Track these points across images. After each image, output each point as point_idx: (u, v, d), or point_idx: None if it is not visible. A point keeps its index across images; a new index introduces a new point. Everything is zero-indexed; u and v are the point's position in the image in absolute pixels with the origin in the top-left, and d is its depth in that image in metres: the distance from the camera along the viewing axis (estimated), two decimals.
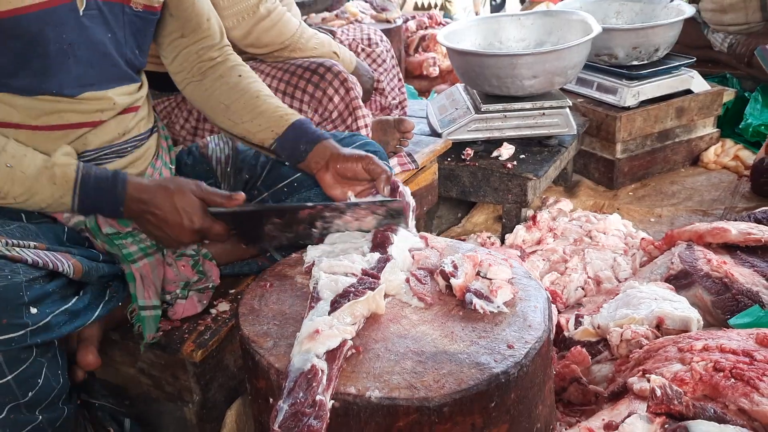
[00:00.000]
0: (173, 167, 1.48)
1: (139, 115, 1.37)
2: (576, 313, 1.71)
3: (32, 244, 1.04)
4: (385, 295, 1.10)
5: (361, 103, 1.89)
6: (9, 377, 0.97)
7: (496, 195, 2.28)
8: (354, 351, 0.99)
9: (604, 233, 2.18)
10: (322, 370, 0.93)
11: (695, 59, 2.79)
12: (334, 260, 1.15)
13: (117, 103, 1.29)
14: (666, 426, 0.94)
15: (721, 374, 1.14)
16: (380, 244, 1.20)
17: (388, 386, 0.92)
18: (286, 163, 1.48)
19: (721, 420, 0.98)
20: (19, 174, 1.11)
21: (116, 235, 1.24)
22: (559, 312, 1.83)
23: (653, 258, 2.00)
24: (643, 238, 2.07)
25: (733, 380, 1.12)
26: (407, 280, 1.16)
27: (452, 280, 1.12)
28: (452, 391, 0.91)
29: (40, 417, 1.04)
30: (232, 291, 1.45)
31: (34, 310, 0.98)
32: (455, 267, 1.14)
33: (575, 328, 1.66)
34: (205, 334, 1.31)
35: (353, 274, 1.11)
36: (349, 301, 1.03)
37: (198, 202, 1.22)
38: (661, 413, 0.98)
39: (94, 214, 1.22)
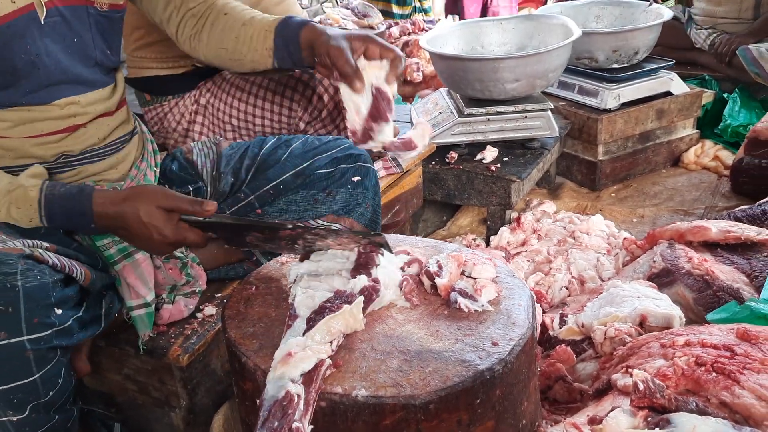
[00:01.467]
0: (158, 170, 1.48)
1: (117, 118, 1.37)
2: (560, 312, 1.73)
3: (45, 244, 1.05)
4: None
5: None
6: (36, 376, 0.99)
7: (480, 197, 2.30)
8: (333, 369, 0.96)
9: (588, 234, 2.20)
10: (298, 395, 0.91)
11: (674, 62, 2.84)
12: (314, 281, 1.12)
13: (91, 108, 1.29)
14: (649, 419, 0.96)
15: (703, 368, 1.16)
16: (363, 265, 1.12)
17: (374, 385, 0.93)
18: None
19: (702, 413, 1.00)
20: None
21: (97, 235, 1.25)
22: (544, 312, 1.85)
23: (636, 257, 2.03)
24: (625, 238, 2.10)
25: (714, 374, 1.14)
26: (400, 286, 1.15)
27: (437, 280, 1.13)
28: (438, 389, 0.92)
29: (56, 417, 1.06)
30: (219, 295, 1.45)
31: (58, 311, 1.01)
32: (440, 267, 1.16)
33: (560, 327, 1.67)
34: (191, 339, 1.32)
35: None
36: (324, 317, 1.00)
37: (165, 215, 1.14)
38: (644, 407, 0.99)
39: (70, 230, 1.21)
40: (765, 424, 1.01)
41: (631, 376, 1.23)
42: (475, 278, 1.14)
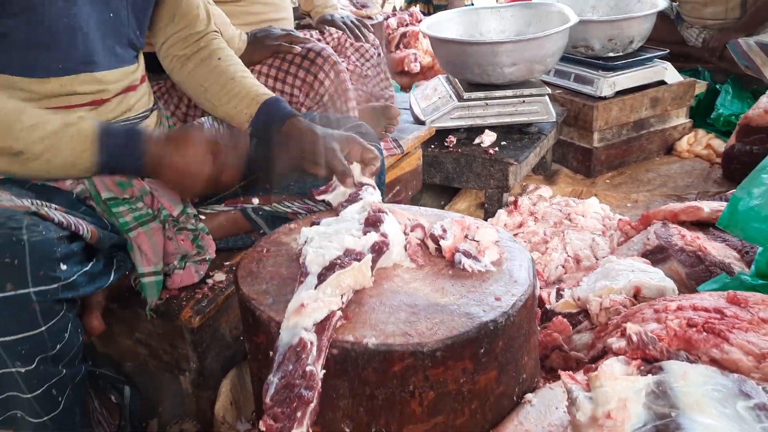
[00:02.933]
0: None
1: (139, 93, 1.41)
2: (557, 287, 1.78)
3: (53, 205, 1.09)
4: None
5: (350, 86, 1.95)
6: (43, 328, 1.01)
7: (478, 180, 2.35)
8: (344, 321, 1.01)
9: (583, 216, 2.26)
10: (311, 342, 0.96)
11: (668, 51, 2.89)
12: (324, 240, 1.17)
13: (118, 84, 1.33)
14: (642, 368, 1.01)
15: (694, 329, 1.22)
16: (373, 223, 1.19)
17: (383, 334, 0.98)
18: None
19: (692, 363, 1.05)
20: (41, 132, 1.13)
21: (113, 201, 1.28)
22: (541, 288, 1.90)
23: (630, 237, 2.08)
24: (620, 219, 2.15)
25: (705, 333, 1.19)
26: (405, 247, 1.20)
27: (442, 242, 1.17)
28: (444, 337, 0.97)
29: (64, 371, 1.08)
30: (227, 263, 1.49)
31: (63, 267, 1.03)
32: (444, 231, 1.20)
33: (556, 301, 1.72)
34: (202, 302, 1.36)
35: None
36: (334, 272, 1.05)
37: (206, 150, 1.25)
38: (637, 358, 1.04)
39: (115, 171, 1.25)
40: (752, 376, 1.06)
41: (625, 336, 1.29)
42: (478, 241, 1.19)
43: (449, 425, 1.02)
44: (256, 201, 1.52)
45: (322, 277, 1.05)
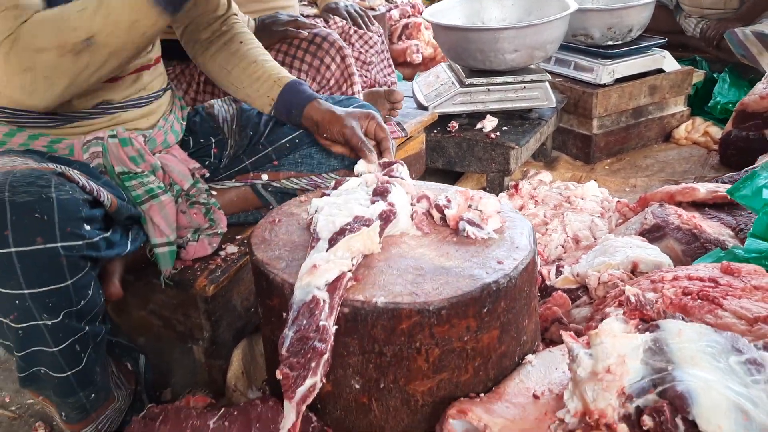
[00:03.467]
0: (184, 123, 1.57)
1: (153, 73, 1.46)
2: (557, 264, 1.84)
3: (76, 171, 1.14)
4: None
5: (355, 70, 2.00)
6: (69, 282, 1.06)
7: (480, 164, 2.40)
8: (354, 282, 1.07)
9: (582, 198, 2.31)
10: (324, 300, 1.02)
11: (666, 40, 2.94)
12: (334, 209, 1.23)
13: (132, 62, 1.38)
14: (639, 327, 1.06)
15: (689, 297, 1.27)
16: (380, 193, 1.25)
17: (391, 294, 1.03)
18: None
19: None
20: (91, 7, 1.12)
21: (126, 175, 1.33)
22: (541, 266, 1.95)
23: (628, 219, 2.13)
24: (618, 201, 2.21)
25: (699, 301, 1.25)
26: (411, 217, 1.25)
27: (446, 211, 1.23)
28: (449, 296, 1.02)
29: (86, 328, 1.13)
30: (239, 237, 1.55)
31: (87, 227, 1.08)
32: (449, 201, 1.26)
33: (556, 277, 1.78)
34: (216, 272, 1.41)
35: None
36: (345, 237, 1.10)
37: None
38: (635, 318, 1.10)
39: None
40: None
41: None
42: (481, 210, 1.24)
43: (453, 382, 1.08)
44: (265, 177, 1.57)
45: (332, 242, 1.10)
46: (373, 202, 1.19)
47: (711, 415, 0.86)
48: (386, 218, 1.15)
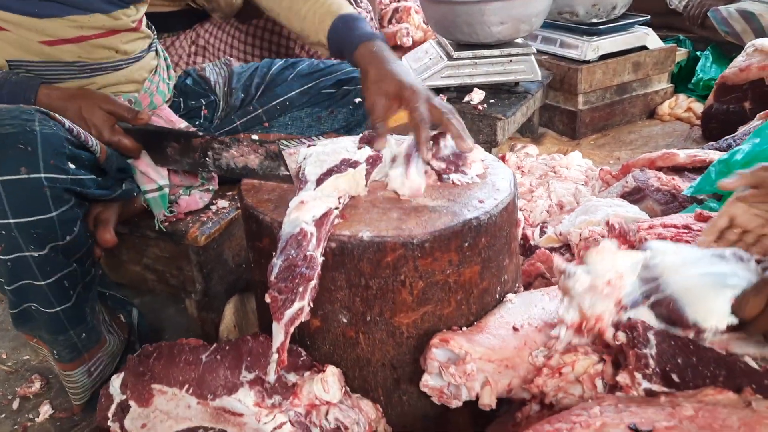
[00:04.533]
0: (171, 83, 1.60)
1: (132, 36, 1.47)
2: (540, 225, 1.89)
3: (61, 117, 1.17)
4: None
5: None
6: (54, 213, 1.09)
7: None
8: (341, 219, 1.10)
9: (567, 168, 2.36)
10: (311, 233, 1.05)
11: (649, 17, 3.00)
12: (323, 156, 1.28)
13: (105, 23, 1.39)
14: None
15: None
16: (367, 141, 1.28)
17: (377, 229, 1.08)
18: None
19: None
20: None
21: None
22: (525, 228, 2.00)
23: (611, 186, 2.19)
24: (601, 169, 2.26)
25: None
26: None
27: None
28: (432, 230, 1.06)
29: (74, 265, 1.17)
30: (230, 193, 1.58)
31: (72, 166, 1.11)
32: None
33: (540, 237, 1.83)
34: (207, 224, 1.45)
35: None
36: (332, 176, 1.14)
37: (104, 116, 1.28)
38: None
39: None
40: None
41: None
42: (465, 157, 1.28)
43: (437, 314, 1.12)
44: (255, 138, 1.61)
45: (320, 182, 1.14)
46: (359, 149, 1.23)
47: (701, 307, 0.92)
48: (373, 162, 1.19)
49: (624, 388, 0.92)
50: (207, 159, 1.32)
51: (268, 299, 1.01)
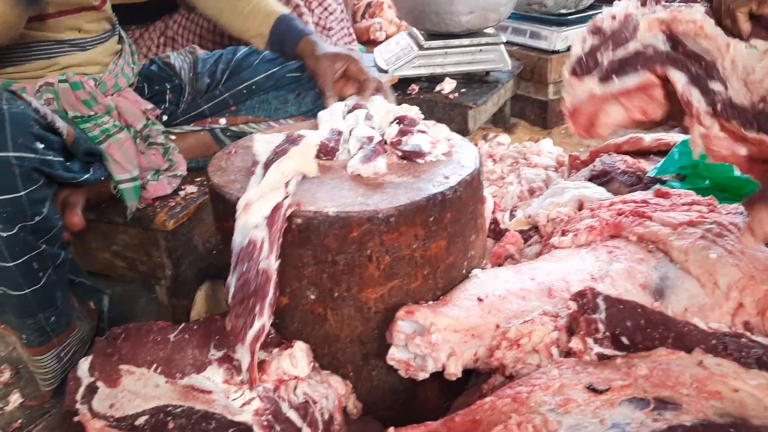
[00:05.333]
0: (135, 67, 1.60)
1: (93, 16, 1.47)
2: (510, 209, 1.91)
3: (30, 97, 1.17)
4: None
5: (313, 29, 2.04)
6: (22, 193, 1.09)
7: None
8: (295, 207, 1.08)
9: (538, 155, 2.39)
10: (262, 239, 1.04)
11: None
12: (275, 134, 1.24)
13: (65, 0, 1.39)
14: None
15: (623, 216, 1.35)
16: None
17: (342, 204, 1.09)
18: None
19: None
20: None
21: (80, 118, 1.37)
22: (494, 212, 2.02)
23: (580, 171, 2.22)
24: (571, 155, 2.29)
25: (631, 218, 1.33)
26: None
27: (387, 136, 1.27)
28: (398, 205, 1.08)
29: (43, 247, 1.16)
30: (198, 179, 1.59)
31: (40, 146, 1.11)
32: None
33: (510, 220, 1.85)
34: (176, 209, 1.46)
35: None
36: (275, 162, 1.12)
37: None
38: None
39: None
40: (669, 240, 1.19)
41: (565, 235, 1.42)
42: (431, 136, 1.30)
43: (404, 289, 1.13)
44: (223, 122, 1.62)
45: (267, 168, 1.13)
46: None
47: None
48: (332, 149, 1.21)
49: (577, 354, 0.94)
50: None
51: (228, 326, 1.02)
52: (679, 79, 1.01)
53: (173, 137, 1.57)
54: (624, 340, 0.93)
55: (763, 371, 0.92)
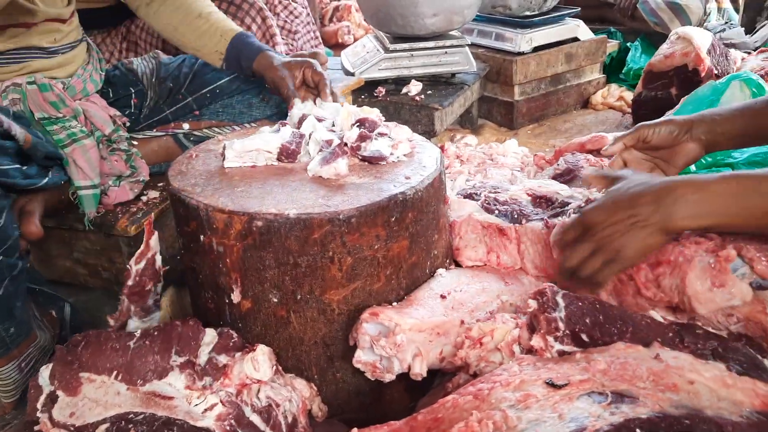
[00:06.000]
0: (103, 74, 1.58)
1: (69, 26, 1.47)
2: None
3: None
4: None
5: (278, 32, 2.04)
6: None
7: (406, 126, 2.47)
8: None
9: (504, 155, 2.41)
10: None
11: (580, 9, 3.10)
12: (247, 140, 1.26)
13: (41, 11, 1.38)
14: None
15: None
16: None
17: (303, 206, 1.08)
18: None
19: None
20: None
21: (47, 120, 1.35)
22: None
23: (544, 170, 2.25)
24: (536, 155, 2.31)
25: None
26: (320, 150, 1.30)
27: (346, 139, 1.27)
28: (359, 205, 1.08)
29: (1, 257, 1.14)
30: (161, 184, 1.57)
31: None
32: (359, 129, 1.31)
33: None
34: (137, 214, 1.44)
35: (267, 152, 1.26)
36: None
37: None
38: None
39: None
40: None
41: None
42: (392, 138, 1.31)
43: (367, 290, 1.14)
44: (186, 126, 1.60)
45: None
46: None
47: None
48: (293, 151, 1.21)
49: (538, 352, 0.95)
50: None
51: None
52: None
53: (135, 143, 1.55)
54: (583, 336, 0.94)
55: (718, 362, 0.94)
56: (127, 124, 1.56)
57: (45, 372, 1.14)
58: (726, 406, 0.86)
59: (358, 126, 1.27)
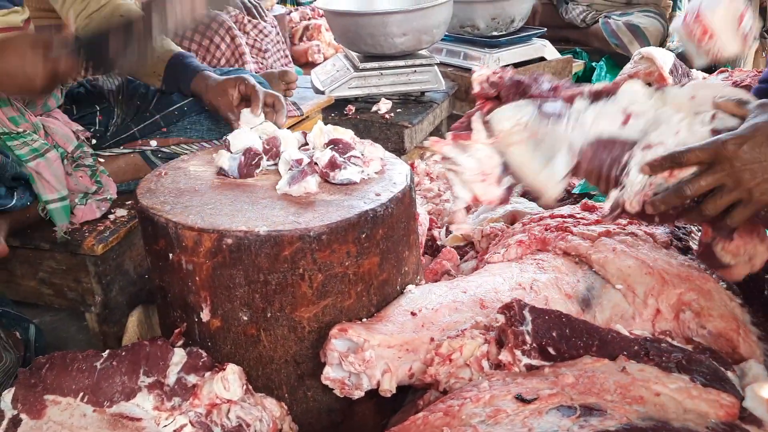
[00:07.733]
0: (65, 89, 1.56)
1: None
2: (446, 226, 1.94)
3: None
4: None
5: (247, 50, 2.05)
6: None
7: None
8: None
9: None
10: None
11: (546, 30, 3.16)
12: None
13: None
14: None
15: (549, 231, 1.40)
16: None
17: (273, 223, 1.08)
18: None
19: None
20: None
21: (7, 135, 1.32)
22: (431, 229, 2.05)
23: None
24: None
25: (556, 232, 1.37)
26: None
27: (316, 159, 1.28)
28: (329, 222, 1.08)
29: None
30: (129, 202, 1.55)
31: None
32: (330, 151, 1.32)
33: (446, 237, 1.88)
34: (104, 233, 1.42)
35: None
36: None
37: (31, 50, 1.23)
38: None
39: None
40: (589, 254, 1.24)
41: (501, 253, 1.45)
42: (364, 155, 1.32)
43: (338, 307, 1.14)
44: (154, 143, 1.59)
45: None
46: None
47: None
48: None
49: (506, 366, 0.96)
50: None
51: None
52: None
53: (101, 160, 1.53)
54: (550, 350, 0.96)
55: (682, 375, 0.96)
56: (93, 141, 1.54)
57: (7, 396, 1.11)
58: (692, 418, 0.88)
59: (331, 148, 1.27)
